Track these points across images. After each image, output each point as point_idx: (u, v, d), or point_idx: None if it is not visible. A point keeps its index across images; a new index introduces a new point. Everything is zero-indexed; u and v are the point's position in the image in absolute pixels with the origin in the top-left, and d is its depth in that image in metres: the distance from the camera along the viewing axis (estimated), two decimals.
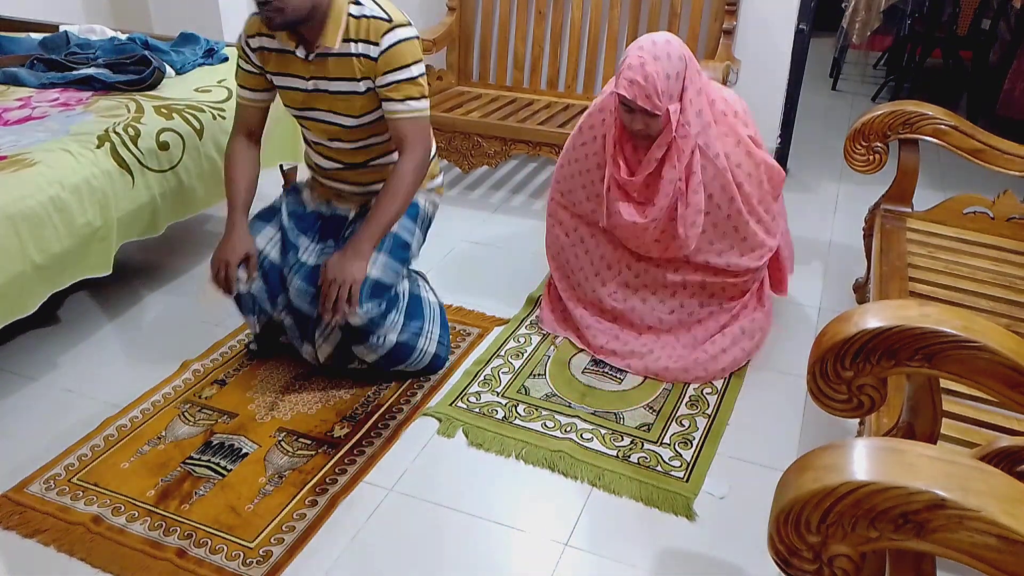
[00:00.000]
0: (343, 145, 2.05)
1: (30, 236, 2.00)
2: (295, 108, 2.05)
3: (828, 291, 2.71)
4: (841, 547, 0.83)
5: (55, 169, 2.09)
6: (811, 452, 0.88)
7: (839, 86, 5.22)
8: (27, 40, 3.02)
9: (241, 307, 2.13)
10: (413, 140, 1.94)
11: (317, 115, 2.01)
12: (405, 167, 1.95)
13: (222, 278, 2.01)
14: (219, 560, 1.66)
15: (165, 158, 2.37)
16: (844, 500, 0.81)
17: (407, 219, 2.08)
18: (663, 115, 2.00)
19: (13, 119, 2.40)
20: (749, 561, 1.69)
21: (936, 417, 1.22)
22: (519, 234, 3.06)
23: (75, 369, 2.27)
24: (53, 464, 1.91)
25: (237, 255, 2.00)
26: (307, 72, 1.95)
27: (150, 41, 2.94)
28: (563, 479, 1.90)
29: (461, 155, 3.19)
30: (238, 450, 1.96)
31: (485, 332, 2.45)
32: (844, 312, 1.12)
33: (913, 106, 2.31)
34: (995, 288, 2.03)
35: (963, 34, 4.66)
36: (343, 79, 1.93)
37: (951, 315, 1.04)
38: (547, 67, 3.49)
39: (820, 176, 3.68)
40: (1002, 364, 1.01)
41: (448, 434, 2.03)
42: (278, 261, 2.09)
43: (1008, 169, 2.26)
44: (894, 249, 2.19)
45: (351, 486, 1.86)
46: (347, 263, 1.90)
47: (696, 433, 2.04)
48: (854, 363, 1.07)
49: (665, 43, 1.99)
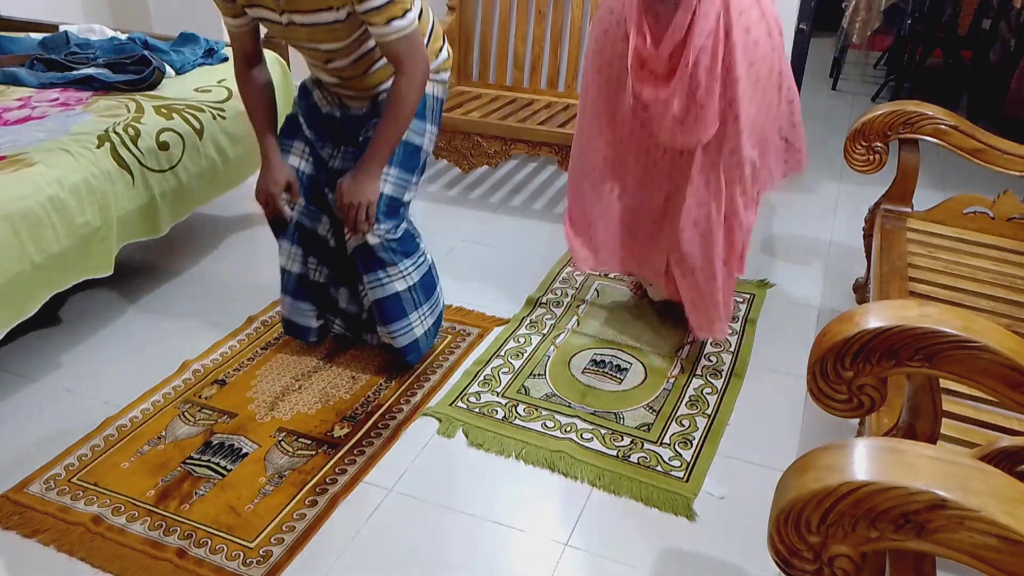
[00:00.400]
0: (339, 63, 2.03)
1: (29, 236, 2.00)
2: (278, 37, 2.04)
3: (828, 291, 2.71)
4: (841, 547, 0.83)
5: (54, 169, 2.09)
6: (811, 452, 0.88)
7: (839, 86, 5.22)
8: (27, 40, 3.02)
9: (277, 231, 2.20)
10: (406, 59, 1.92)
11: (301, 44, 2.00)
12: (402, 89, 1.94)
13: (270, 209, 2.11)
14: (219, 560, 1.66)
15: (165, 158, 2.37)
16: (844, 500, 0.81)
17: (415, 119, 2.06)
18: None
19: (13, 119, 2.40)
20: (749, 561, 1.69)
21: (936, 417, 1.22)
22: (519, 234, 3.06)
23: (75, 369, 2.27)
24: (53, 464, 1.91)
25: (280, 185, 2.07)
26: (277, 7, 1.90)
27: (150, 41, 2.94)
28: (563, 479, 1.90)
29: (461, 155, 3.19)
30: (238, 450, 1.96)
31: (485, 332, 2.45)
32: (844, 312, 1.11)
33: (913, 106, 2.31)
34: (995, 288, 2.03)
35: (963, 34, 4.66)
36: (318, 10, 1.87)
37: (951, 315, 1.04)
38: (547, 67, 3.49)
39: (820, 176, 3.68)
40: (1002, 364, 1.01)
41: (448, 434, 2.03)
42: (313, 173, 2.16)
43: (1008, 169, 2.26)
44: (894, 249, 2.19)
45: (351, 486, 1.86)
46: (359, 186, 1.96)
47: (696, 433, 2.04)
48: (854, 363, 1.07)
49: None
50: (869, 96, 5.02)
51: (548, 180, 3.62)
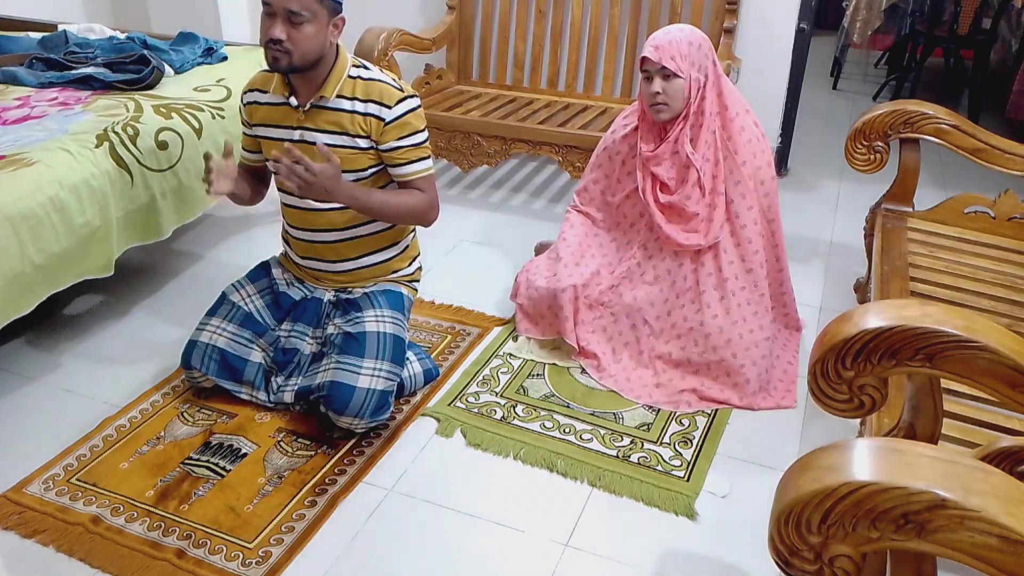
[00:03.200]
0: (322, 205, 2.00)
1: (29, 236, 1.99)
2: None
3: (829, 291, 2.71)
4: (842, 547, 0.83)
5: (54, 168, 2.09)
6: (812, 452, 0.88)
7: (840, 85, 5.22)
8: (26, 39, 3.02)
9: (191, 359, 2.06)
10: (426, 192, 2.01)
11: None
12: (418, 197, 1.99)
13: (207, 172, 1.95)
14: (218, 560, 1.66)
15: (164, 157, 2.37)
16: (845, 500, 0.81)
17: (398, 312, 2.06)
18: (684, 82, 2.07)
19: (12, 118, 2.39)
20: (750, 561, 1.69)
21: (937, 417, 1.22)
22: (519, 234, 3.06)
23: (74, 369, 2.27)
24: (52, 464, 1.91)
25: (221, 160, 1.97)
26: (296, 122, 1.96)
27: (149, 40, 2.94)
28: (563, 479, 1.90)
29: (461, 154, 3.19)
30: (237, 450, 1.96)
31: (485, 332, 2.44)
32: (845, 312, 1.11)
33: (914, 105, 2.31)
34: (996, 288, 2.03)
35: (964, 33, 4.66)
36: (333, 132, 1.92)
37: (952, 315, 1.04)
38: (547, 66, 3.49)
39: (821, 175, 3.68)
40: (1003, 364, 1.01)
41: (446, 434, 2.03)
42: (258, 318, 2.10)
43: (1009, 168, 2.26)
44: (895, 248, 2.19)
45: (350, 486, 1.86)
46: (327, 182, 1.83)
47: (696, 432, 2.04)
48: (855, 363, 1.07)
49: (689, 26, 2.14)
50: (870, 95, 5.02)
51: (548, 179, 3.61)
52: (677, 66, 2.05)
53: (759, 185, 2.19)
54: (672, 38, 2.07)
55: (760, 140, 2.20)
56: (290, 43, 1.81)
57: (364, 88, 1.93)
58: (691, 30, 2.11)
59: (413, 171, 1.98)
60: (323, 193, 1.85)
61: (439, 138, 3.14)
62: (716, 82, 2.14)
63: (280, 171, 1.82)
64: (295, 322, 2.11)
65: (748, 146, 2.17)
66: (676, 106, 2.10)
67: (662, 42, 2.06)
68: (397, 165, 1.97)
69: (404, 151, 1.95)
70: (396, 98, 1.93)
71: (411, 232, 2.19)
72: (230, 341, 2.05)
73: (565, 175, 3.58)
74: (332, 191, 1.85)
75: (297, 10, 1.78)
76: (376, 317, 2.00)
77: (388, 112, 1.92)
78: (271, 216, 3.07)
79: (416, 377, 2.15)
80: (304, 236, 2.08)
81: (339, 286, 2.13)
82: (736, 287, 2.15)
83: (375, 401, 1.90)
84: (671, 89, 2.07)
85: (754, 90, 3.22)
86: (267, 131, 2.02)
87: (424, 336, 2.41)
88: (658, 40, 2.07)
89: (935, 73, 5.18)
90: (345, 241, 2.06)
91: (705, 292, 2.16)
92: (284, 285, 2.15)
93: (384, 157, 1.97)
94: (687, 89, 2.08)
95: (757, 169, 2.18)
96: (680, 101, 2.09)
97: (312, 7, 1.80)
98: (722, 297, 2.15)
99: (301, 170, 1.80)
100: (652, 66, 2.07)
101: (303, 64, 1.85)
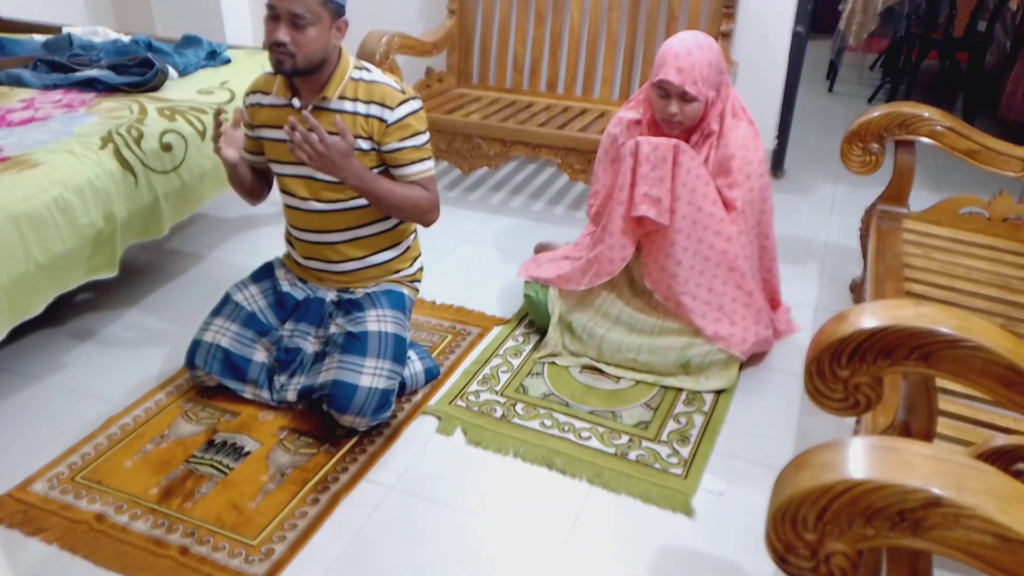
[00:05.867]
0: (324, 206, 2.02)
1: (33, 237, 2.01)
2: (279, 163, 2.04)
3: (824, 291, 2.73)
4: (838, 545, 0.83)
5: (58, 170, 2.10)
6: (808, 450, 0.88)
7: (836, 88, 5.24)
8: (30, 42, 3.03)
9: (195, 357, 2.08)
10: (430, 189, 2.03)
11: (300, 169, 1.99)
12: (419, 191, 2.01)
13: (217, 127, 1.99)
14: (221, 558, 1.68)
15: (168, 159, 2.38)
16: (841, 498, 0.81)
17: (400, 312, 2.07)
18: (702, 102, 2.08)
19: (16, 120, 2.41)
20: (747, 558, 1.70)
21: (932, 416, 1.23)
22: (519, 234, 3.08)
23: (78, 368, 2.28)
24: (56, 463, 1.92)
25: None
26: None
27: (153, 43, 2.95)
28: (562, 477, 1.92)
29: (461, 156, 3.21)
30: (240, 448, 1.97)
31: (485, 332, 2.46)
32: (840, 312, 1.12)
33: (909, 107, 2.33)
34: (991, 288, 2.05)
35: (959, 36, 4.68)
36: (335, 134, 1.90)
37: (947, 315, 1.04)
38: (546, 69, 3.50)
39: (816, 177, 3.70)
40: (998, 363, 1.01)
41: (447, 432, 2.04)
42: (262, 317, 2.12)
43: (1003, 170, 2.28)
44: (890, 249, 2.21)
45: (352, 484, 1.87)
46: (339, 156, 1.84)
47: (693, 430, 2.06)
48: (850, 362, 1.07)
49: (704, 36, 2.11)
50: (865, 98, 5.04)
51: (547, 181, 3.63)
52: (698, 90, 2.04)
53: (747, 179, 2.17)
54: (695, 60, 2.03)
55: (754, 138, 2.19)
56: (294, 46, 1.82)
57: (366, 90, 1.95)
58: (708, 45, 2.08)
59: (415, 172, 2.00)
60: (332, 167, 1.85)
61: (440, 140, 3.16)
62: (726, 97, 2.15)
63: (294, 138, 1.82)
64: (298, 322, 2.12)
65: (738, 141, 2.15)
66: (690, 124, 2.12)
67: (685, 64, 2.02)
68: (399, 166, 1.99)
69: (406, 152, 1.97)
70: (398, 100, 1.94)
71: (412, 233, 2.21)
72: (233, 341, 2.07)
73: (564, 177, 3.60)
74: (342, 167, 1.86)
75: (301, 13, 1.80)
76: (378, 317, 2.02)
77: (390, 114, 1.94)
78: (273, 217, 3.09)
79: (417, 376, 2.17)
80: (306, 237, 2.10)
81: (341, 286, 2.15)
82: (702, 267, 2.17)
83: (377, 400, 1.92)
84: (689, 110, 2.08)
85: (750, 92, 3.25)
86: (269, 132, 2.04)
87: (425, 335, 2.43)
88: (681, 62, 2.03)
89: (930, 76, 5.20)
90: (347, 242, 2.08)
91: None
92: (287, 285, 2.17)
93: (386, 158, 1.99)
94: (703, 108, 2.09)
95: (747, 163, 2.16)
96: (694, 119, 2.11)
97: (315, 10, 1.82)
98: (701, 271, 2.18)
99: (315, 139, 1.80)
100: (673, 88, 2.05)
101: (307, 66, 1.87)
